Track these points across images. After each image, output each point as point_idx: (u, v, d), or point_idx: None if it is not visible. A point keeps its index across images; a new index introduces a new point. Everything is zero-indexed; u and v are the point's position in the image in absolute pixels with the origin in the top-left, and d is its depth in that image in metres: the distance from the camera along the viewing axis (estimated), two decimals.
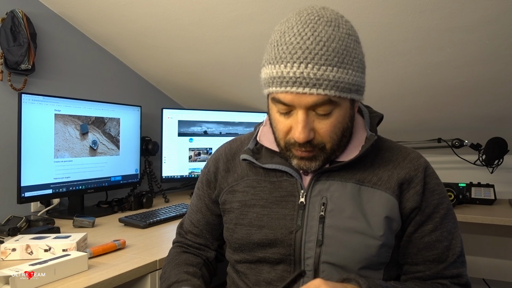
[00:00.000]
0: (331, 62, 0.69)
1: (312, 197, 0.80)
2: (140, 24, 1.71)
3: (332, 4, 1.39)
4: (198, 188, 0.97)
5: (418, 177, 0.81)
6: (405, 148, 0.89)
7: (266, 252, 0.81)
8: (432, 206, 0.82)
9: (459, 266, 0.82)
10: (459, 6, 1.29)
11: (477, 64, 1.55)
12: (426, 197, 0.82)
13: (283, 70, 0.70)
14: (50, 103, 1.51)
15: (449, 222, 0.83)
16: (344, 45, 0.71)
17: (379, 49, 1.58)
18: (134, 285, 1.07)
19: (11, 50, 1.48)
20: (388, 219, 0.78)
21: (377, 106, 1.97)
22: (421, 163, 0.85)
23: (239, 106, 2.36)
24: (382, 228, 0.77)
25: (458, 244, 0.83)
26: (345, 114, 0.76)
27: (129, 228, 1.43)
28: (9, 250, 1.06)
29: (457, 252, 0.82)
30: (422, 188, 0.81)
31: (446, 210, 0.83)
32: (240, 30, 1.63)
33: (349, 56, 0.72)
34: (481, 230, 2.16)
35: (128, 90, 2.12)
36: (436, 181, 0.85)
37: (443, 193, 0.85)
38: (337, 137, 0.77)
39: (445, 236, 0.82)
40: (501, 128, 1.93)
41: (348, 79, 0.71)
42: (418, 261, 0.82)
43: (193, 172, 2.13)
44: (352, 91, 0.73)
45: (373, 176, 0.81)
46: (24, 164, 1.41)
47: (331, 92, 0.70)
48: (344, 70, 0.71)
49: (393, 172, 0.81)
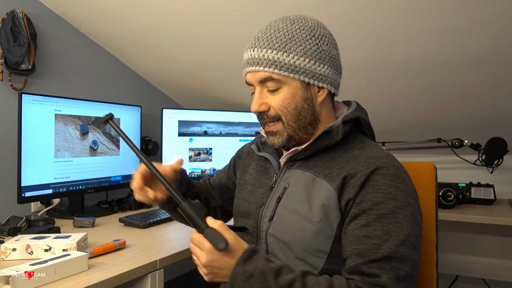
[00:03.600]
0: (272, 46, 0.86)
1: (280, 182, 0.94)
2: (140, 24, 1.71)
3: (332, 4, 1.40)
4: (232, 157, 1.20)
5: (362, 173, 0.83)
6: (374, 150, 0.88)
7: (243, 222, 0.98)
8: (371, 203, 0.80)
9: (383, 268, 0.75)
10: (459, 6, 1.29)
11: (477, 64, 1.55)
12: (366, 192, 0.81)
13: (244, 55, 0.91)
14: (50, 103, 1.51)
15: (389, 224, 0.78)
16: (291, 35, 0.87)
17: (379, 49, 1.58)
18: (134, 285, 1.07)
19: (11, 50, 1.48)
20: (324, 206, 0.84)
21: (377, 106, 1.99)
22: (374, 162, 0.83)
23: (239, 106, 2.36)
24: (319, 215, 0.84)
25: (393, 248, 0.76)
26: (295, 93, 0.88)
27: (129, 228, 1.43)
28: (9, 250, 1.06)
29: (386, 254, 0.76)
30: (362, 182, 0.81)
31: (390, 212, 0.79)
32: (240, 30, 1.63)
33: (294, 43, 0.86)
34: (481, 230, 2.16)
35: (128, 90, 2.12)
36: (389, 182, 0.81)
37: (393, 196, 0.80)
38: (289, 112, 0.89)
39: (378, 234, 0.78)
40: (501, 128, 1.93)
41: (289, 61, 0.86)
42: (347, 254, 0.80)
43: (193, 172, 2.13)
44: (297, 72, 0.87)
45: (329, 169, 0.88)
46: (24, 164, 1.41)
47: (270, 69, 0.87)
48: (284, 53, 0.86)
49: (345, 167, 0.86)
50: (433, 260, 1.09)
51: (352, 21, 1.45)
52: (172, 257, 1.14)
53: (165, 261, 1.11)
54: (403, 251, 0.77)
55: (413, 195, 0.84)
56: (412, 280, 0.78)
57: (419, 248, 0.80)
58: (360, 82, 1.82)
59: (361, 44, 1.56)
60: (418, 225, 0.82)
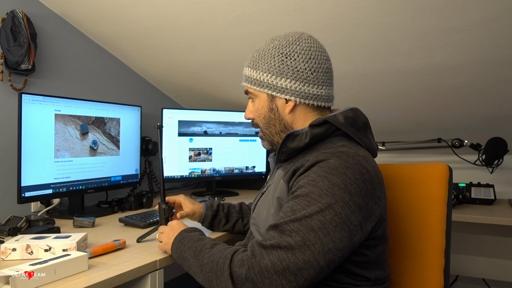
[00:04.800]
0: (248, 64, 1.04)
1: (269, 180, 1.09)
2: (140, 24, 1.71)
3: (332, 5, 1.40)
4: None
5: (306, 165, 0.89)
6: (334, 147, 0.91)
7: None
8: (296, 186, 0.88)
9: (273, 234, 0.83)
10: (459, 6, 1.29)
11: (477, 64, 1.55)
12: (299, 179, 0.89)
13: None
14: (50, 103, 1.51)
15: (298, 204, 0.83)
16: (263, 54, 1.01)
17: (379, 49, 1.58)
18: (134, 285, 1.07)
19: (11, 50, 1.48)
20: (279, 199, 0.95)
21: (377, 106, 1.99)
22: (320, 156, 0.89)
23: (239, 106, 2.36)
24: (274, 205, 0.96)
25: (284, 220, 0.82)
26: (263, 104, 1.03)
27: (129, 228, 1.43)
28: (9, 250, 1.06)
29: (274, 224, 0.84)
30: (301, 173, 0.89)
31: (304, 194, 0.84)
32: (240, 30, 1.63)
33: (262, 61, 1.00)
34: (481, 230, 2.16)
35: (128, 90, 2.12)
36: (320, 172, 0.85)
37: (315, 183, 0.84)
38: (261, 121, 1.05)
39: (286, 211, 0.85)
40: (501, 128, 1.93)
41: (257, 77, 1.01)
42: None
43: (193, 172, 2.13)
44: (262, 86, 1.01)
45: (290, 167, 0.96)
46: (24, 164, 1.41)
47: (245, 83, 1.05)
48: (253, 70, 1.02)
49: (297, 162, 0.94)
50: (439, 266, 1.04)
51: (352, 21, 1.45)
52: None
53: (165, 261, 1.11)
54: (295, 226, 0.81)
55: (348, 189, 0.83)
56: (300, 258, 0.78)
57: (324, 236, 0.80)
58: (360, 82, 1.82)
59: (361, 44, 1.56)
60: (336, 216, 0.81)
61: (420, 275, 1.05)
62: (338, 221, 0.81)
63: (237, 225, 1.33)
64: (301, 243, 0.79)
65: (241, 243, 1.14)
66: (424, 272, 1.05)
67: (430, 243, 1.05)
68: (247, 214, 1.34)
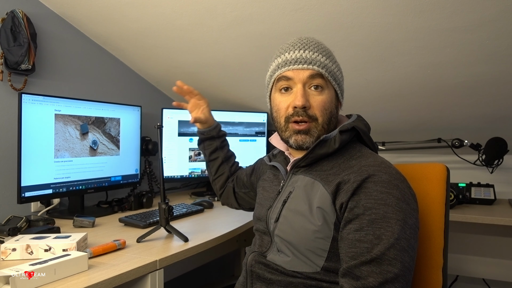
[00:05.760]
0: (321, 52, 0.96)
1: (286, 187, 1.01)
2: (140, 24, 1.71)
3: (332, 5, 1.40)
4: (257, 161, 1.33)
5: (355, 179, 0.87)
6: (369, 159, 0.91)
7: (257, 224, 1.08)
8: (363, 208, 0.83)
9: (372, 271, 0.78)
10: (459, 6, 1.29)
11: (477, 64, 1.55)
12: (359, 198, 0.85)
13: (286, 56, 0.97)
14: (50, 103, 1.51)
15: (381, 228, 0.81)
16: (329, 51, 0.99)
17: (379, 49, 1.58)
18: (134, 285, 1.07)
19: (11, 50, 1.48)
20: (320, 209, 0.89)
21: (377, 106, 1.99)
22: (367, 170, 0.87)
23: (239, 106, 2.36)
24: (317, 216, 0.89)
25: (382, 251, 0.79)
26: (332, 99, 0.97)
27: (129, 228, 1.43)
28: (9, 250, 1.06)
29: (375, 257, 0.79)
30: (354, 188, 0.85)
31: (381, 217, 0.82)
32: (240, 30, 1.63)
33: (333, 57, 0.99)
34: (481, 230, 2.15)
35: (128, 90, 2.12)
36: (380, 189, 0.84)
37: (384, 202, 0.83)
38: (326, 115, 0.96)
39: (370, 239, 0.81)
40: (501, 128, 1.93)
41: (333, 69, 0.97)
42: (342, 256, 0.85)
43: (193, 172, 2.13)
44: (336, 82, 0.98)
45: (326, 175, 0.93)
46: (24, 164, 1.41)
47: (322, 70, 0.95)
48: (330, 62, 0.97)
49: (340, 175, 0.91)
50: (438, 264, 1.05)
51: (352, 21, 1.45)
52: (172, 257, 1.14)
53: (165, 261, 1.11)
54: (392, 254, 0.79)
55: (406, 200, 0.85)
56: (404, 281, 0.80)
57: (411, 250, 0.82)
58: (360, 82, 1.82)
59: (361, 44, 1.56)
60: (410, 228, 0.83)
61: (419, 275, 1.05)
62: (413, 233, 0.84)
63: (221, 165, 1.41)
64: (402, 267, 0.79)
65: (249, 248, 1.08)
66: (423, 272, 1.05)
67: (428, 242, 1.06)
68: (228, 169, 1.41)
